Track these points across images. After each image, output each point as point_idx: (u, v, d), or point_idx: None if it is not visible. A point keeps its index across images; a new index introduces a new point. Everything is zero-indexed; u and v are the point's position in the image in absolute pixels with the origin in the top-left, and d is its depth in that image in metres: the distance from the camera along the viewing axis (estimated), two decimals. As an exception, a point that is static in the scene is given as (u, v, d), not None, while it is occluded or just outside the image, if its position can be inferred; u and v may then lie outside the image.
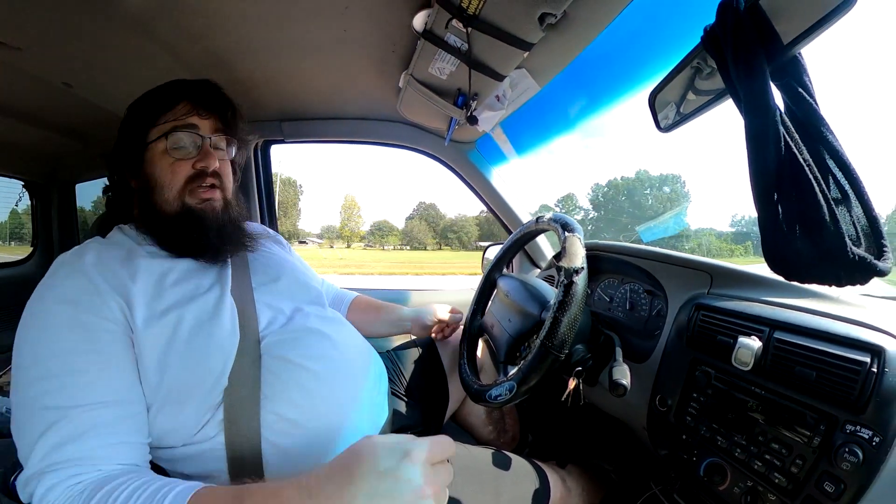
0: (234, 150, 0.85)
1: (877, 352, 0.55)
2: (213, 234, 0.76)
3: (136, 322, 0.62)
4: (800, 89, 0.57)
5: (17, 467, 0.57)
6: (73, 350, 0.59)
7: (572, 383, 0.79)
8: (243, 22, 0.92)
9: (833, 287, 0.61)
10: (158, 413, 0.62)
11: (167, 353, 0.63)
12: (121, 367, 0.61)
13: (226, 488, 0.52)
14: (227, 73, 1.12)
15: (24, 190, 2.17)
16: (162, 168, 0.75)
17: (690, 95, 0.78)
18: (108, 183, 0.86)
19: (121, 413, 0.59)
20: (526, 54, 0.90)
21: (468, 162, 1.57)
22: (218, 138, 0.80)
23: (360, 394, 0.77)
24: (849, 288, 0.60)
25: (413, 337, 1.42)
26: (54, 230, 2.19)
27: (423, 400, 1.14)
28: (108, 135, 0.84)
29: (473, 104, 1.09)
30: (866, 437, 0.53)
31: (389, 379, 1.01)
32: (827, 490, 0.56)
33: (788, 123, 0.58)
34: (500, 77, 0.99)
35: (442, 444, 0.50)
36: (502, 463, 0.89)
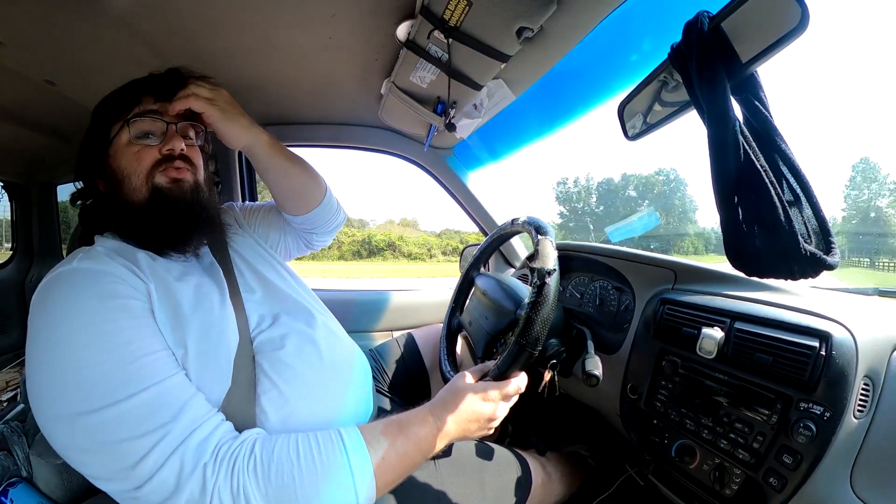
0: (202, 137, 0.79)
1: (825, 337, 0.59)
2: (182, 215, 0.71)
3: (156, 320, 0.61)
4: (756, 103, 0.61)
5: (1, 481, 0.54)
6: (137, 332, 0.56)
7: (548, 375, 0.80)
8: (231, 26, 0.89)
9: (786, 281, 0.66)
10: None
11: (183, 362, 0.60)
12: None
13: (372, 423, 0.63)
14: (214, 77, 1.08)
15: (3, 191, 2.03)
16: (127, 158, 0.70)
17: (657, 107, 0.81)
18: (77, 191, 0.79)
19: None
20: (503, 65, 0.91)
21: (446, 167, 1.58)
22: (185, 125, 0.75)
23: (347, 391, 0.76)
24: (799, 282, 0.64)
25: (394, 335, 1.42)
26: (34, 233, 2.05)
27: (405, 396, 1.13)
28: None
29: (452, 112, 1.10)
30: (818, 412, 0.58)
31: (373, 376, 1.00)
32: (786, 462, 0.60)
33: (747, 133, 0.61)
34: (478, 86, 1.00)
35: (511, 387, 0.71)
36: (485, 453, 0.90)
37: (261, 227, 1.02)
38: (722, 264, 0.86)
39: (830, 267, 0.56)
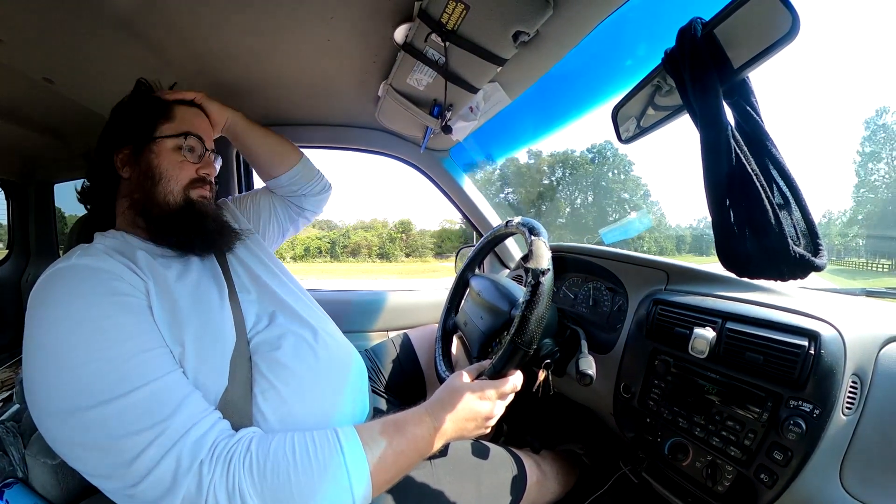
0: (218, 167, 0.91)
1: (813, 336, 0.60)
2: (211, 226, 0.79)
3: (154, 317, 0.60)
4: (748, 108, 0.62)
5: None
6: (135, 329, 0.56)
7: (542, 375, 0.81)
8: (231, 27, 0.89)
9: (776, 282, 0.67)
10: None
11: (180, 360, 0.60)
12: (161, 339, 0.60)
13: (369, 422, 0.63)
14: (213, 77, 1.08)
15: (0, 189, 2.00)
16: (171, 162, 0.77)
17: (650, 111, 0.82)
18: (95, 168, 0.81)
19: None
20: (499, 69, 0.91)
21: (442, 169, 1.58)
22: (212, 155, 0.85)
23: (343, 391, 0.76)
24: (789, 282, 0.65)
25: (390, 335, 1.42)
26: (31, 231, 2.03)
27: (401, 396, 1.13)
28: (88, 134, 0.79)
29: (448, 114, 1.10)
30: (808, 410, 0.59)
31: (369, 377, 1.00)
32: (776, 458, 0.61)
33: (738, 137, 0.62)
34: (474, 89, 1.00)
35: (507, 385, 0.72)
36: (481, 452, 0.90)
37: (252, 211, 1.09)
38: (707, 265, 0.87)
39: (818, 268, 0.57)
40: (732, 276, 0.70)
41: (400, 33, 0.88)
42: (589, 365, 0.80)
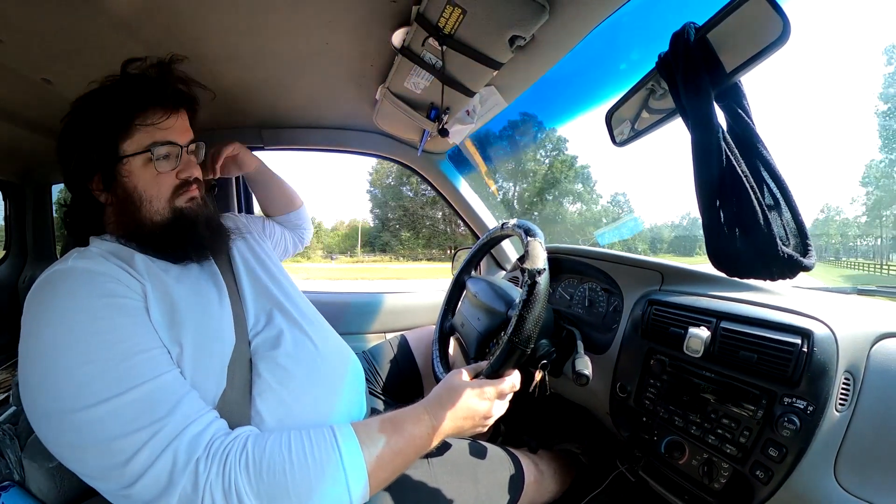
0: (202, 153, 0.83)
1: (806, 335, 0.61)
2: (203, 229, 0.74)
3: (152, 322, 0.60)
4: (739, 110, 0.63)
5: None
6: (132, 330, 0.56)
7: (538, 375, 0.81)
8: (231, 30, 0.89)
9: (769, 281, 0.67)
10: None
11: (178, 361, 0.59)
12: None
13: (367, 420, 0.63)
14: (211, 80, 1.05)
15: None
16: (146, 181, 0.70)
17: (644, 114, 0.83)
18: (72, 201, 0.75)
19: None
20: (496, 73, 0.92)
21: (439, 171, 1.59)
22: (193, 146, 0.78)
23: (341, 393, 0.76)
24: (782, 282, 0.66)
25: (387, 337, 1.42)
26: (28, 233, 1.99)
27: (398, 397, 1.13)
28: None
29: (445, 117, 1.10)
30: (801, 406, 0.59)
31: (366, 378, 1.00)
32: (771, 455, 0.61)
33: (729, 139, 0.63)
34: (470, 93, 1.00)
35: (506, 385, 0.71)
36: (478, 452, 0.90)
37: (269, 233, 1.17)
38: (698, 266, 0.88)
39: (807, 268, 0.58)
40: (726, 276, 0.71)
41: (397, 37, 0.88)
42: (585, 365, 0.80)
